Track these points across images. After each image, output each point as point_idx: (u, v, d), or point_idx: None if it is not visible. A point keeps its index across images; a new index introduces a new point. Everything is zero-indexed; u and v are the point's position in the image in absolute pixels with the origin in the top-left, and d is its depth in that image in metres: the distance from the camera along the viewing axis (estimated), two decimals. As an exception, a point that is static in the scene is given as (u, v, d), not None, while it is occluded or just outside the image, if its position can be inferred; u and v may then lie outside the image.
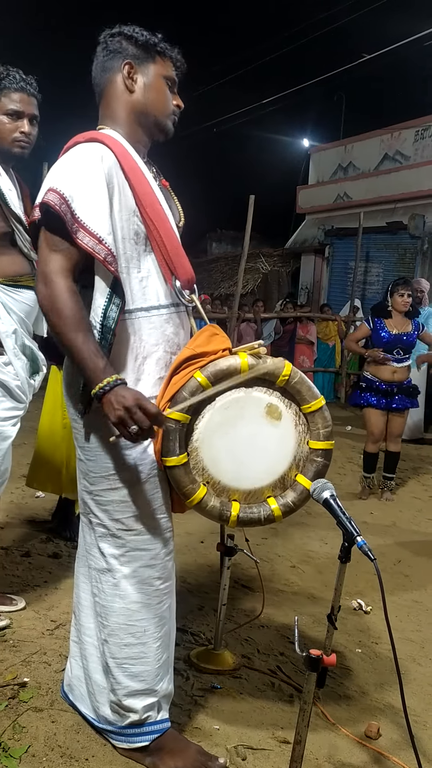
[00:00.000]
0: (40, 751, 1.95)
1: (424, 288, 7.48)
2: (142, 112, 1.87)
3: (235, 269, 12.57)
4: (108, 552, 1.88)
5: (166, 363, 1.87)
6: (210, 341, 1.88)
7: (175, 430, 1.81)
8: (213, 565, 3.45)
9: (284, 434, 1.91)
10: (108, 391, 1.62)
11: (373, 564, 1.63)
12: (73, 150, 1.76)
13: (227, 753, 2.04)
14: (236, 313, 9.10)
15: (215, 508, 1.89)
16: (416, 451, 7.09)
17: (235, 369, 1.84)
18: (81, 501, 1.94)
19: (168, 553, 1.92)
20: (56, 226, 1.67)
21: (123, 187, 1.76)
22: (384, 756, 2.12)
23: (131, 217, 1.77)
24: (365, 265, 11.58)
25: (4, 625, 2.61)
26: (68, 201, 1.65)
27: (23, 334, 2.59)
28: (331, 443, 1.93)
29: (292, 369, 1.88)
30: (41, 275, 1.69)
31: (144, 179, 1.82)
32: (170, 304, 1.88)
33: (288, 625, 2.93)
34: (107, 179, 1.71)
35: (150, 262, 1.84)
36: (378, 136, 12.05)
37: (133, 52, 1.85)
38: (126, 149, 1.80)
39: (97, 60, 1.89)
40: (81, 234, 1.65)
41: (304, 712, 1.73)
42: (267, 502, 1.93)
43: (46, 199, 1.66)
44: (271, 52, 14.62)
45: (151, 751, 1.93)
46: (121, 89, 1.85)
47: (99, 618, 1.93)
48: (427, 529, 4.63)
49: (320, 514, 4.23)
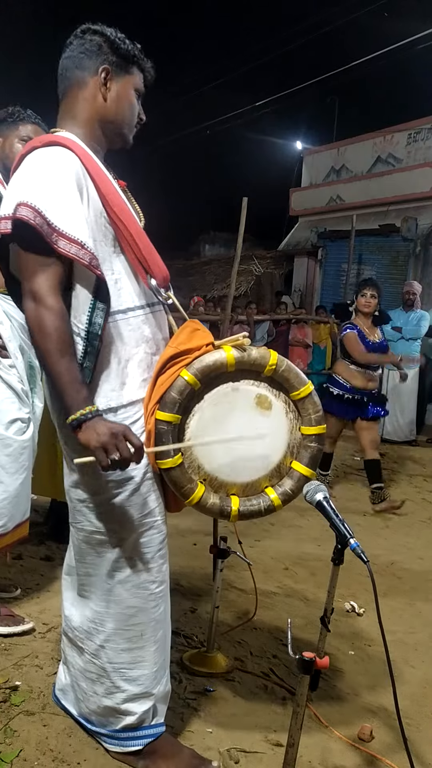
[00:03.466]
0: (32, 755, 1.94)
1: (416, 291, 7.51)
2: (109, 122, 1.85)
3: (228, 271, 12.56)
4: (103, 558, 1.86)
5: (148, 364, 1.85)
6: (192, 337, 1.86)
7: (167, 431, 1.80)
8: (205, 568, 3.44)
9: (276, 423, 1.91)
10: (89, 419, 1.61)
11: (366, 566, 1.63)
12: (34, 157, 1.71)
13: (220, 756, 2.03)
14: (229, 315, 9.09)
15: (215, 505, 1.89)
16: (408, 453, 7.10)
17: (222, 363, 1.83)
18: (72, 509, 1.91)
19: (163, 556, 1.91)
20: (33, 240, 1.63)
21: (90, 190, 1.73)
22: (377, 758, 2.12)
23: (99, 218, 1.75)
24: (358, 267, 11.59)
25: (29, 628, 2.61)
26: (42, 213, 1.60)
27: (23, 339, 2.66)
28: (323, 427, 1.93)
29: (278, 357, 1.88)
30: (29, 292, 1.65)
31: (108, 180, 1.80)
32: (146, 305, 1.86)
33: (281, 627, 2.92)
34: (77, 182, 1.69)
35: (120, 263, 1.80)
36: (371, 138, 12.08)
37: (112, 58, 1.82)
38: (86, 151, 1.77)
39: (70, 52, 1.83)
40: (62, 242, 1.62)
41: (297, 715, 1.73)
42: (265, 492, 1.93)
43: (19, 215, 1.60)
44: (264, 55, 14.66)
45: (144, 755, 1.92)
46: (91, 93, 1.82)
47: (92, 624, 1.91)
48: (420, 530, 4.64)
49: (313, 516, 4.23)
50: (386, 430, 7.56)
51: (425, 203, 10.50)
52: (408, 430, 7.54)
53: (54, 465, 3.53)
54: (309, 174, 13.89)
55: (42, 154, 1.70)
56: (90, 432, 1.60)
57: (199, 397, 1.86)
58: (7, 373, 2.62)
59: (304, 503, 1.89)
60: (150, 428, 1.80)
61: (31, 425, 2.69)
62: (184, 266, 16.37)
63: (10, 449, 2.60)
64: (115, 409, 1.77)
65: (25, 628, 2.60)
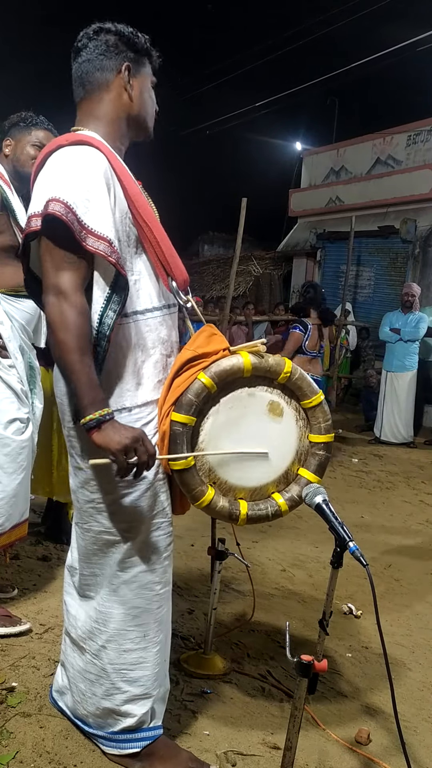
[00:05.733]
0: (28, 757, 1.93)
1: (415, 293, 7.51)
2: (135, 118, 1.86)
3: (226, 272, 12.55)
4: (110, 558, 1.86)
5: (163, 366, 1.85)
6: (210, 341, 1.88)
7: (182, 433, 1.81)
8: (203, 569, 3.43)
9: (286, 430, 1.95)
10: (107, 420, 1.61)
11: (365, 569, 1.63)
12: (62, 154, 1.70)
13: (217, 759, 2.02)
14: (227, 316, 9.09)
15: (225, 508, 1.91)
16: (406, 455, 7.11)
17: (239, 368, 1.85)
18: (79, 510, 1.90)
19: (168, 557, 1.91)
20: (63, 236, 1.62)
21: (117, 189, 1.73)
22: (374, 762, 2.12)
23: (124, 218, 1.75)
24: (357, 268, 11.59)
25: (26, 629, 2.60)
26: (73, 209, 1.60)
27: (23, 340, 2.68)
28: (332, 436, 1.99)
29: (293, 365, 1.92)
30: (53, 287, 1.63)
31: (132, 181, 1.80)
32: (163, 306, 1.86)
33: (278, 629, 2.92)
34: (105, 181, 1.68)
35: (141, 264, 1.81)
36: (370, 140, 12.08)
37: (130, 55, 1.82)
38: (111, 150, 1.77)
39: (87, 55, 1.81)
40: (91, 240, 1.61)
41: (294, 718, 1.73)
42: (272, 497, 1.96)
43: (51, 210, 1.60)
44: (264, 56, 14.64)
45: (141, 757, 1.92)
46: (117, 92, 1.82)
47: (96, 624, 1.90)
48: (418, 533, 4.64)
49: (310, 517, 4.23)
50: (384, 432, 7.57)
51: (424, 205, 10.50)
52: (405, 432, 7.54)
53: (51, 465, 3.53)
54: (308, 175, 13.88)
55: (71, 152, 1.70)
56: (110, 433, 1.60)
57: (214, 400, 1.88)
58: (7, 373, 2.62)
59: (302, 505, 1.89)
60: (165, 429, 1.81)
61: (30, 425, 2.69)
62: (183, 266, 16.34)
63: (8, 449, 2.60)
64: (129, 408, 1.77)
65: (22, 629, 2.59)
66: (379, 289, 11.28)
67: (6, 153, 2.78)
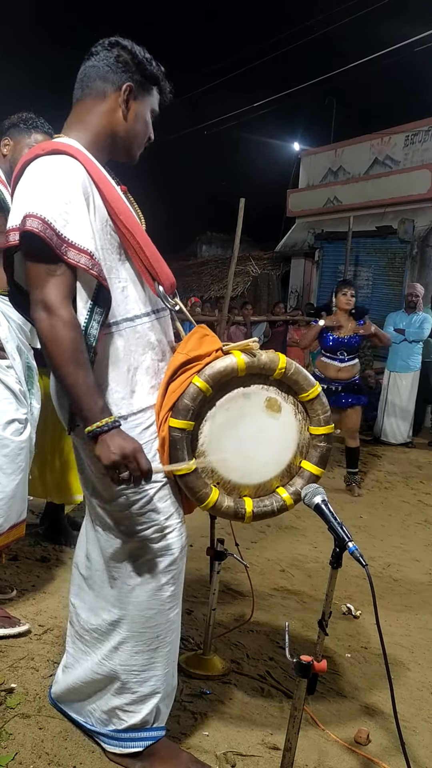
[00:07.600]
0: (27, 759, 1.93)
1: (419, 293, 7.50)
2: (122, 138, 1.84)
3: (225, 272, 12.55)
4: (124, 562, 1.86)
5: (155, 371, 1.85)
6: (201, 343, 1.87)
7: (181, 438, 1.81)
8: (202, 569, 3.43)
9: (286, 424, 1.96)
10: (106, 431, 1.61)
11: (364, 569, 1.63)
12: (39, 165, 1.68)
13: (216, 760, 2.02)
14: (226, 316, 9.09)
15: (230, 508, 1.92)
16: (405, 455, 7.11)
17: (233, 369, 1.85)
18: (93, 513, 1.91)
19: (182, 558, 1.91)
20: (42, 250, 1.61)
21: (95, 198, 1.72)
22: (374, 762, 2.11)
23: (105, 226, 1.74)
24: (355, 269, 11.60)
25: (25, 630, 2.59)
26: (51, 224, 1.59)
27: (20, 340, 2.68)
28: (331, 427, 1.99)
29: (287, 360, 1.92)
30: (41, 303, 1.62)
31: (112, 187, 1.78)
32: (151, 311, 1.86)
33: (277, 629, 2.92)
34: (83, 191, 1.67)
35: (126, 271, 1.79)
36: (368, 140, 12.10)
37: (136, 77, 1.81)
38: (90, 159, 1.75)
39: (95, 62, 1.81)
40: (72, 253, 1.61)
41: (294, 719, 1.73)
42: (277, 492, 1.97)
43: (28, 227, 1.59)
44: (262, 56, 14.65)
45: (142, 757, 1.92)
46: (110, 107, 1.80)
47: (110, 626, 1.90)
48: (416, 533, 4.64)
49: (309, 518, 4.23)
50: (384, 432, 7.57)
51: (422, 205, 10.51)
52: (405, 433, 7.54)
53: (46, 467, 3.52)
54: (306, 175, 13.90)
55: (47, 162, 1.68)
56: (104, 447, 1.62)
57: (210, 403, 1.88)
58: (5, 373, 2.62)
59: (300, 505, 1.89)
60: (164, 435, 1.81)
61: (29, 426, 2.69)
62: (181, 267, 16.35)
63: (6, 450, 2.59)
64: (125, 416, 1.77)
65: (21, 630, 2.58)
66: (377, 289, 11.29)
67: (4, 153, 2.77)
